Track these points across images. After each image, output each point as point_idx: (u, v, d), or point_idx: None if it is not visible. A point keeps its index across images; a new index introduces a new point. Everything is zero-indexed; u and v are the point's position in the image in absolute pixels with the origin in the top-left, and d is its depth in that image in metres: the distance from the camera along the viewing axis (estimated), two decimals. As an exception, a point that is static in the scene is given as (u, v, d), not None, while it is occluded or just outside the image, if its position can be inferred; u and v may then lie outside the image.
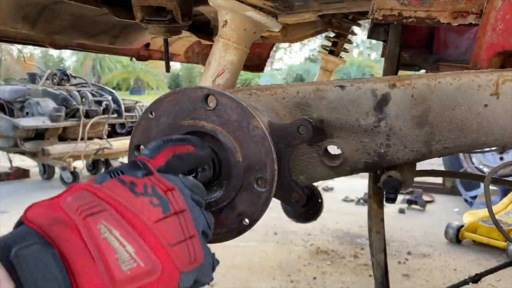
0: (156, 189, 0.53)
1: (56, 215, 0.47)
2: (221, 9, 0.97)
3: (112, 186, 0.51)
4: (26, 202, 0.51)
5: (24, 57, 6.94)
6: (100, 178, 0.53)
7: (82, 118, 5.43)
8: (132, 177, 0.54)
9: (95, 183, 0.52)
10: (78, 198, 0.48)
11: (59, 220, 0.46)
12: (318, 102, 0.79)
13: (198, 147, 0.66)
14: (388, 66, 1.19)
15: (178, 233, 0.52)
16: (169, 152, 0.62)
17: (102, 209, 0.48)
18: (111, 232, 0.46)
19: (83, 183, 0.53)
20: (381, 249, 1.27)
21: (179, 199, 0.55)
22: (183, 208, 0.54)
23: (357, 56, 43.54)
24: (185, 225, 0.53)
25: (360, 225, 4.12)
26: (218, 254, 0.60)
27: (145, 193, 0.52)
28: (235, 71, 0.99)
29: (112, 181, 0.52)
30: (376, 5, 0.87)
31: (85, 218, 0.46)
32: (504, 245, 3.35)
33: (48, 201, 0.50)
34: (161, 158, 0.60)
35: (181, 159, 0.62)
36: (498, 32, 0.74)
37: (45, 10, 1.44)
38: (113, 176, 0.54)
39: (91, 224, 0.46)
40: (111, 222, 0.47)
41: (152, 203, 0.51)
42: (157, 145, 0.62)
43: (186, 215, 0.54)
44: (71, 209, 0.47)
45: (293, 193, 0.75)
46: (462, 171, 4.81)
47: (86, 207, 0.47)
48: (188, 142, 0.65)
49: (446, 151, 0.75)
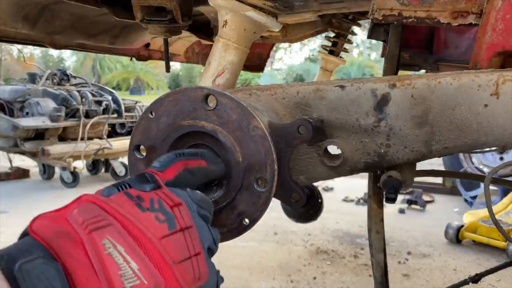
0: (163, 204, 0.53)
1: (61, 228, 0.46)
2: (221, 9, 0.97)
3: (119, 200, 0.51)
4: (26, 202, 0.51)
5: (24, 57, 6.95)
6: (107, 191, 0.53)
7: (82, 118, 5.43)
8: (139, 191, 0.53)
9: (102, 196, 0.51)
10: (85, 211, 0.48)
11: (64, 233, 0.46)
12: (318, 102, 0.79)
13: (210, 162, 0.65)
14: (388, 66, 1.19)
15: (183, 250, 0.51)
16: (181, 166, 0.61)
17: (107, 224, 0.47)
18: (116, 247, 0.46)
19: (91, 195, 0.52)
20: (380, 249, 1.27)
21: (186, 215, 0.54)
22: (189, 224, 0.54)
23: (357, 56, 43.55)
24: (190, 242, 0.52)
25: (360, 225, 4.12)
26: (218, 254, 0.60)
27: (152, 209, 0.51)
28: (235, 71, 0.99)
29: (119, 195, 0.52)
30: (376, 5, 0.87)
31: (90, 232, 0.46)
32: (504, 245, 3.35)
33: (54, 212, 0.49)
34: (171, 172, 0.60)
35: (192, 173, 0.62)
36: (498, 32, 0.74)
37: (45, 10, 1.44)
38: (121, 189, 0.53)
39: (96, 239, 0.46)
40: (116, 238, 0.47)
41: (158, 219, 0.51)
42: (168, 159, 0.61)
43: (192, 231, 0.53)
44: (76, 222, 0.47)
45: (293, 193, 0.75)
46: (462, 171, 4.81)
47: (92, 221, 0.47)
48: (201, 156, 0.64)
49: (446, 151, 0.75)
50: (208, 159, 0.65)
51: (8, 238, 0.49)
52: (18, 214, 4.22)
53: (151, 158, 0.75)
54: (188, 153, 0.64)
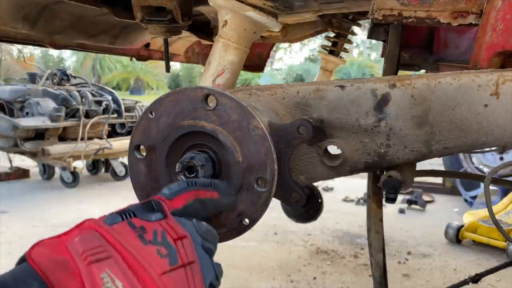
0: (166, 237, 0.52)
1: (60, 258, 0.46)
2: (221, 9, 0.97)
3: (121, 230, 0.50)
4: (26, 202, 0.51)
5: (24, 57, 6.94)
6: (112, 219, 0.52)
7: (82, 118, 5.43)
8: (143, 221, 0.53)
9: (105, 224, 0.51)
10: (86, 241, 0.48)
11: (62, 264, 0.45)
12: (318, 102, 0.79)
13: (222, 194, 0.64)
14: (388, 66, 1.19)
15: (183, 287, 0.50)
16: (191, 196, 0.60)
17: (107, 256, 0.47)
18: (114, 282, 0.45)
19: (93, 221, 0.51)
20: (380, 249, 1.27)
21: (189, 249, 0.53)
22: (192, 259, 0.53)
23: (357, 56, 43.53)
24: (191, 278, 0.51)
25: (360, 225, 4.12)
26: (218, 254, 0.60)
27: (154, 242, 0.51)
28: (235, 71, 0.99)
29: (123, 224, 0.51)
30: (376, 5, 0.87)
31: (89, 265, 0.45)
32: (504, 245, 3.35)
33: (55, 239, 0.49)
34: (180, 201, 0.59)
35: (203, 204, 0.61)
36: (498, 32, 0.74)
37: (45, 10, 1.44)
38: (125, 218, 0.53)
39: (94, 272, 0.45)
40: (115, 272, 0.46)
41: (159, 253, 0.50)
42: (179, 187, 0.60)
43: (194, 267, 0.53)
44: (77, 252, 0.46)
45: (293, 193, 0.75)
46: (462, 171, 4.81)
47: (92, 252, 0.46)
48: (214, 187, 0.63)
49: (446, 151, 0.75)
50: (220, 191, 0.64)
51: (8, 238, 0.49)
52: (18, 214, 4.22)
53: (151, 158, 0.75)
54: (201, 183, 0.62)
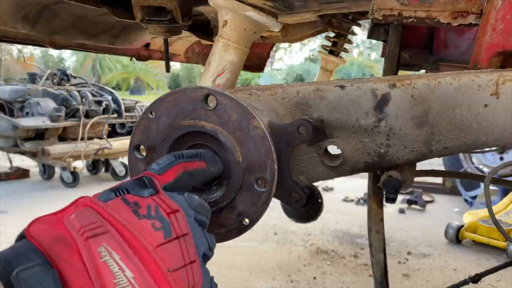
0: (160, 211, 0.53)
1: (58, 234, 0.47)
2: (221, 9, 0.97)
3: (116, 206, 0.51)
4: (26, 202, 0.51)
5: (24, 57, 6.95)
6: (106, 196, 0.53)
7: (82, 118, 5.43)
8: (136, 197, 0.53)
9: (99, 201, 0.52)
10: (82, 217, 0.48)
11: (61, 239, 0.46)
12: (318, 102, 0.79)
13: (209, 163, 0.65)
14: (388, 66, 1.19)
15: (178, 258, 0.51)
16: (180, 169, 0.61)
17: (104, 231, 0.48)
18: (112, 255, 0.46)
19: (88, 198, 0.52)
20: (380, 249, 1.27)
21: (182, 221, 0.54)
22: (185, 231, 0.54)
23: (357, 56, 43.54)
24: (186, 250, 0.53)
25: (360, 225, 4.12)
26: (218, 254, 0.60)
27: (148, 216, 0.52)
28: (235, 71, 0.99)
29: (117, 200, 0.52)
30: (376, 5, 0.87)
31: (87, 240, 0.46)
32: (504, 245, 3.35)
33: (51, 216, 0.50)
34: (170, 175, 0.60)
35: (191, 175, 0.62)
36: (498, 32, 0.74)
37: (45, 10, 1.44)
38: (118, 194, 0.54)
39: (92, 246, 0.46)
40: (112, 245, 0.47)
41: (154, 227, 0.51)
42: (168, 161, 0.61)
43: (188, 239, 0.54)
44: (74, 228, 0.47)
45: (293, 193, 0.75)
46: (462, 171, 4.81)
47: (89, 228, 0.47)
48: (200, 157, 0.64)
49: (446, 151, 0.75)
50: (207, 160, 0.65)
51: (8, 238, 0.49)
52: (18, 214, 4.22)
53: (151, 158, 0.75)
54: (187, 155, 0.64)
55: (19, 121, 5.09)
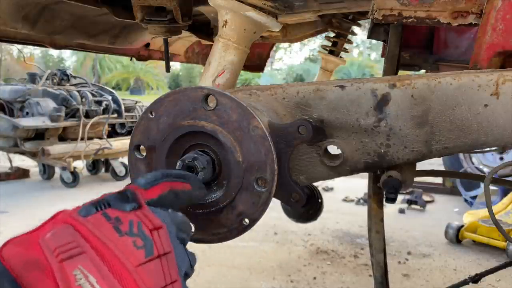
0: (142, 228, 0.51)
1: (31, 257, 0.45)
2: (221, 9, 0.97)
3: (96, 222, 0.49)
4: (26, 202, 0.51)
5: (24, 57, 6.95)
6: (86, 211, 0.51)
7: (82, 118, 5.43)
8: (118, 212, 0.52)
9: (80, 216, 0.50)
10: (58, 236, 0.47)
11: (33, 263, 0.45)
12: (318, 102, 0.79)
13: (195, 187, 0.64)
14: (388, 66, 1.19)
15: (159, 279, 0.50)
16: (166, 187, 0.60)
17: (80, 252, 0.46)
18: (88, 278, 0.44)
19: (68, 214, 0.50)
20: (380, 249, 1.27)
21: (164, 239, 0.53)
22: (168, 250, 0.52)
23: (357, 56, 43.52)
24: (167, 269, 0.51)
25: (360, 225, 4.12)
26: (218, 254, 0.60)
27: (130, 233, 0.50)
28: (235, 71, 0.99)
29: (97, 216, 0.50)
30: (376, 5, 0.87)
31: (61, 262, 0.44)
32: (504, 245, 3.35)
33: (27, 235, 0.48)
34: (155, 191, 0.58)
35: (176, 195, 0.61)
36: (498, 32, 0.74)
37: (45, 10, 1.44)
38: (99, 209, 0.52)
39: (66, 269, 0.44)
40: (89, 268, 0.45)
41: (135, 245, 0.49)
42: (154, 177, 0.60)
43: (170, 258, 0.52)
44: (49, 249, 0.45)
45: (293, 193, 0.75)
46: (462, 171, 4.81)
47: (65, 248, 0.45)
48: (186, 180, 0.63)
49: (446, 151, 0.75)
50: (192, 184, 0.64)
51: (7, 238, 0.49)
52: (18, 214, 4.22)
53: (151, 158, 0.75)
54: (175, 175, 0.63)
55: (19, 121, 5.09)
